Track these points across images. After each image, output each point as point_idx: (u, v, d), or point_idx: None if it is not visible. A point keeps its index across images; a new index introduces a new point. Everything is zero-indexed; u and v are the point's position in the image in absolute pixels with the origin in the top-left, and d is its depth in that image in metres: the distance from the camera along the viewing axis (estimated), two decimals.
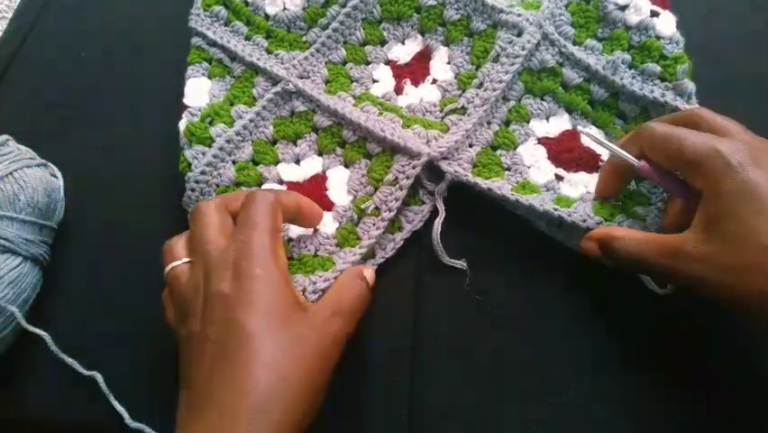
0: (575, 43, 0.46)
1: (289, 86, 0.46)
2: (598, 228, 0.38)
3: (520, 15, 0.46)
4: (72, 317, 0.42)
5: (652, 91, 0.43)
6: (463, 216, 0.42)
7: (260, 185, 0.43)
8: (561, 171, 0.43)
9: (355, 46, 0.49)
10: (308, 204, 0.39)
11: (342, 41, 0.49)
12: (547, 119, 0.45)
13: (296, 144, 0.45)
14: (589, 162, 0.43)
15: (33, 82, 0.53)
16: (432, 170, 0.42)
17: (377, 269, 0.40)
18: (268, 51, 0.48)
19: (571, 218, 0.39)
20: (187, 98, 0.46)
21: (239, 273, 0.32)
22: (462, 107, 0.44)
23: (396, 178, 0.41)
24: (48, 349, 0.38)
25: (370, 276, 0.37)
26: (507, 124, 0.45)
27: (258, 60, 0.47)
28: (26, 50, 0.54)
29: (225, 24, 0.49)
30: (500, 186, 0.41)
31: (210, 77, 0.47)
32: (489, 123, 0.44)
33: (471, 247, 0.41)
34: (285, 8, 0.49)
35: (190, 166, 0.43)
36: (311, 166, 0.45)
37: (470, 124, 0.43)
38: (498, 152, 0.44)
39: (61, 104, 0.51)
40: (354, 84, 0.48)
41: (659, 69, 0.44)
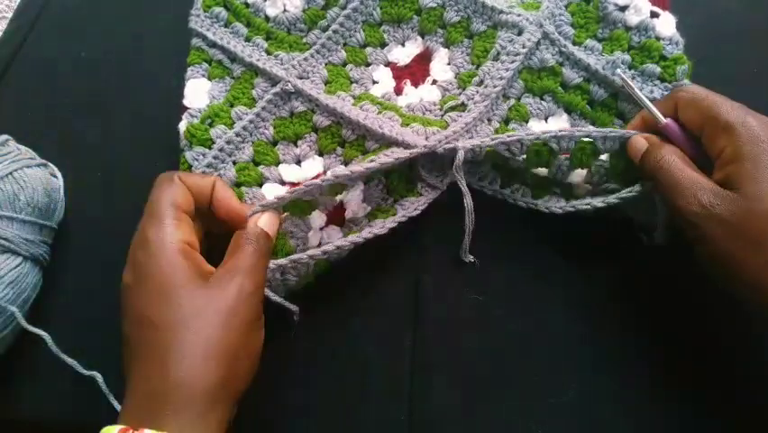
0: (575, 43, 0.46)
1: (288, 86, 0.46)
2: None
3: (520, 15, 0.46)
4: (72, 317, 0.42)
5: (651, 92, 0.43)
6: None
7: (261, 185, 0.44)
8: None
9: (355, 48, 0.49)
10: (224, 190, 0.37)
11: (343, 42, 0.49)
12: (546, 119, 0.45)
13: (296, 145, 0.45)
14: None
15: (33, 82, 0.53)
16: (433, 163, 0.42)
17: (377, 265, 0.40)
18: (267, 53, 0.48)
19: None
20: (186, 99, 0.46)
21: (134, 262, 0.33)
22: (463, 104, 0.44)
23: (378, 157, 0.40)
24: (48, 349, 0.38)
25: (265, 223, 0.37)
26: (506, 122, 0.45)
27: (257, 61, 0.47)
28: (26, 50, 0.54)
29: (225, 26, 0.49)
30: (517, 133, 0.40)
31: (210, 78, 0.47)
32: (489, 120, 0.44)
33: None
34: (285, 10, 0.49)
35: (191, 167, 0.43)
36: (312, 166, 0.45)
37: (471, 118, 0.43)
38: None
39: (61, 104, 0.51)
40: (354, 85, 0.48)
41: (659, 69, 0.44)
